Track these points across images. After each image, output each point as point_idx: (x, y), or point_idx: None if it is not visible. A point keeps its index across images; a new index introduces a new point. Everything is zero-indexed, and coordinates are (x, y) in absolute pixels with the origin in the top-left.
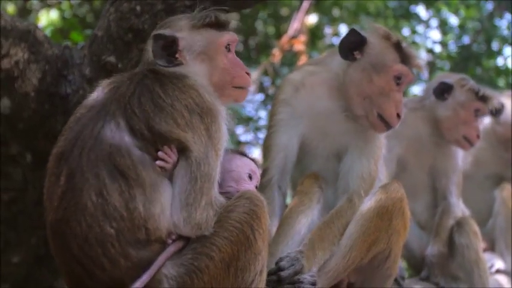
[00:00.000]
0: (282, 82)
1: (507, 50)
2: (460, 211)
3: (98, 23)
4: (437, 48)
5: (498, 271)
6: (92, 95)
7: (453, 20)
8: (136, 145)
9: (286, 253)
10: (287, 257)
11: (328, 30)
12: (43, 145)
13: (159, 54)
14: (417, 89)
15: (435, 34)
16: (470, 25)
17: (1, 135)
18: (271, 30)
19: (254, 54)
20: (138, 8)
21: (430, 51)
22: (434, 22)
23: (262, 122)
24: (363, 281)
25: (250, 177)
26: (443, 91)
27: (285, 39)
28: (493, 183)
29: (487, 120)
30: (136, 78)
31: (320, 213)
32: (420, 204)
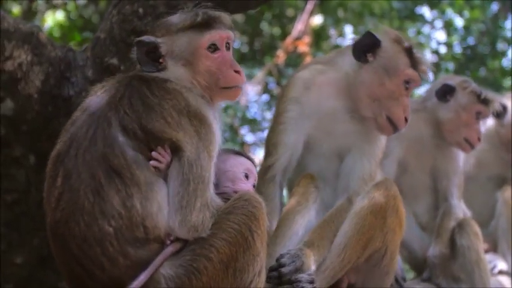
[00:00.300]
0: (292, 79)
1: None
2: (462, 212)
3: (101, 25)
4: (442, 49)
5: (500, 272)
6: (87, 99)
7: (458, 22)
8: (129, 145)
9: (286, 250)
10: (288, 254)
11: (332, 31)
12: (46, 147)
13: (144, 60)
14: (422, 89)
15: (440, 35)
16: (475, 26)
17: (4, 137)
18: (276, 31)
19: (259, 55)
20: (141, 10)
21: (435, 52)
22: (439, 23)
23: (267, 124)
24: (363, 281)
25: (246, 176)
26: (445, 93)
27: (289, 40)
28: (496, 184)
29: (490, 121)
30: (124, 81)
31: (317, 213)
32: (421, 205)
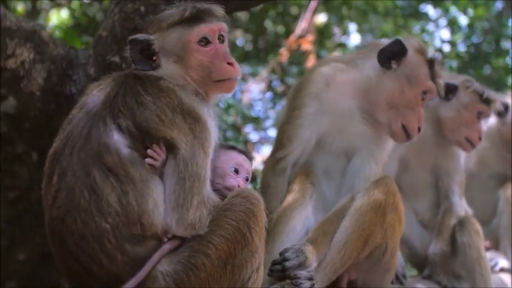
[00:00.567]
0: (312, 74)
1: None
2: (463, 210)
3: (103, 24)
4: (446, 47)
5: (502, 269)
6: (84, 98)
7: (462, 20)
8: (124, 143)
9: (290, 245)
10: (292, 248)
11: (336, 29)
12: (48, 144)
13: (137, 58)
14: None
15: (444, 33)
16: (478, 24)
17: (7, 134)
18: (280, 29)
19: (263, 53)
20: (142, 9)
21: (439, 50)
22: (443, 21)
23: (271, 122)
24: (364, 278)
25: (236, 171)
26: (447, 92)
27: (293, 38)
28: (497, 182)
29: (492, 120)
30: (119, 79)
31: (314, 209)
32: (423, 203)
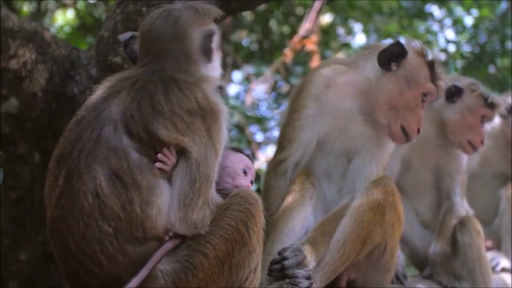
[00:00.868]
0: (313, 75)
1: None
2: (464, 211)
3: (105, 24)
4: (451, 48)
5: (503, 269)
6: (93, 97)
7: (467, 20)
8: (134, 148)
9: (289, 245)
10: (290, 248)
11: (341, 30)
12: (51, 144)
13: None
14: None
15: (449, 33)
16: (483, 25)
17: (9, 134)
18: (286, 29)
19: (268, 53)
20: (144, 9)
21: (444, 50)
22: (448, 21)
23: (275, 122)
24: (363, 277)
25: (245, 172)
26: (452, 94)
27: (297, 39)
28: (500, 182)
29: (496, 120)
30: (139, 83)
31: (313, 209)
32: (424, 203)
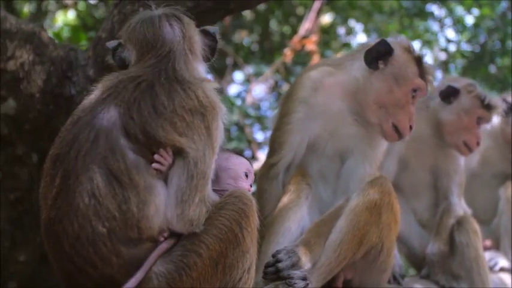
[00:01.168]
0: (300, 79)
1: None
2: (462, 210)
3: (102, 25)
4: (452, 47)
5: (502, 269)
6: (90, 97)
7: (468, 19)
8: (131, 148)
9: (283, 247)
10: (284, 250)
11: (342, 30)
12: (49, 145)
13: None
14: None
15: (450, 33)
16: (484, 24)
17: (7, 136)
18: (286, 29)
19: (269, 53)
20: (141, 10)
21: (445, 50)
22: (448, 21)
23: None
24: (360, 277)
25: (246, 175)
26: (449, 94)
27: (296, 39)
28: (500, 181)
29: (496, 119)
30: (145, 84)
31: (309, 209)
32: (422, 202)
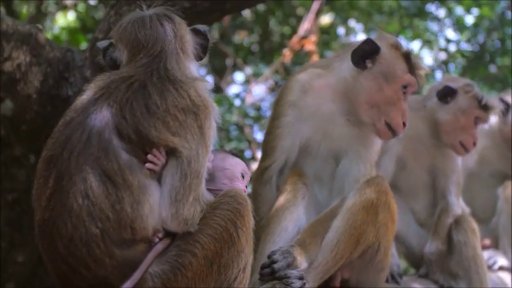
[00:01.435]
0: (289, 82)
1: None
2: (460, 210)
3: (99, 26)
4: (451, 47)
5: (501, 268)
6: (82, 97)
7: (468, 19)
8: (124, 148)
9: (278, 247)
10: (279, 251)
11: (341, 30)
12: None
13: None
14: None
15: (450, 33)
16: (484, 24)
17: (5, 137)
18: (287, 30)
19: (269, 54)
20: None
21: (445, 50)
22: (448, 21)
23: None
24: (357, 277)
25: (242, 176)
26: (446, 94)
27: (296, 39)
28: (498, 181)
29: (493, 118)
30: (137, 84)
31: (306, 209)
32: (420, 202)
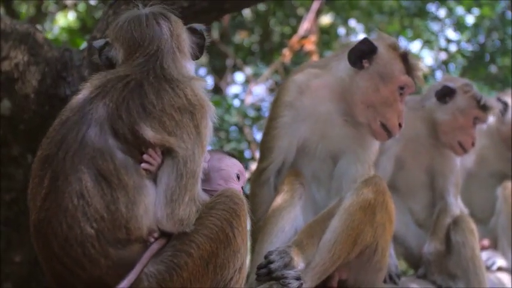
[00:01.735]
0: (286, 83)
1: None
2: (458, 210)
3: (97, 25)
4: (452, 47)
5: (500, 268)
6: (78, 97)
7: (469, 19)
8: (119, 148)
9: (275, 247)
10: (276, 251)
11: (342, 30)
12: None
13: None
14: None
15: (450, 32)
16: (484, 24)
17: (3, 136)
18: (287, 30)
19: (269, 54)
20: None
21: (445, 50)
22: (448, 21)
23: None
24: (355, 277)
25: (238, 177)
26: (445, 94)
27: (295, 39)
28: (497, 181)
29: (492, 118)
30: (133, 83)
31: (303, 209)
32: (418, 202)
